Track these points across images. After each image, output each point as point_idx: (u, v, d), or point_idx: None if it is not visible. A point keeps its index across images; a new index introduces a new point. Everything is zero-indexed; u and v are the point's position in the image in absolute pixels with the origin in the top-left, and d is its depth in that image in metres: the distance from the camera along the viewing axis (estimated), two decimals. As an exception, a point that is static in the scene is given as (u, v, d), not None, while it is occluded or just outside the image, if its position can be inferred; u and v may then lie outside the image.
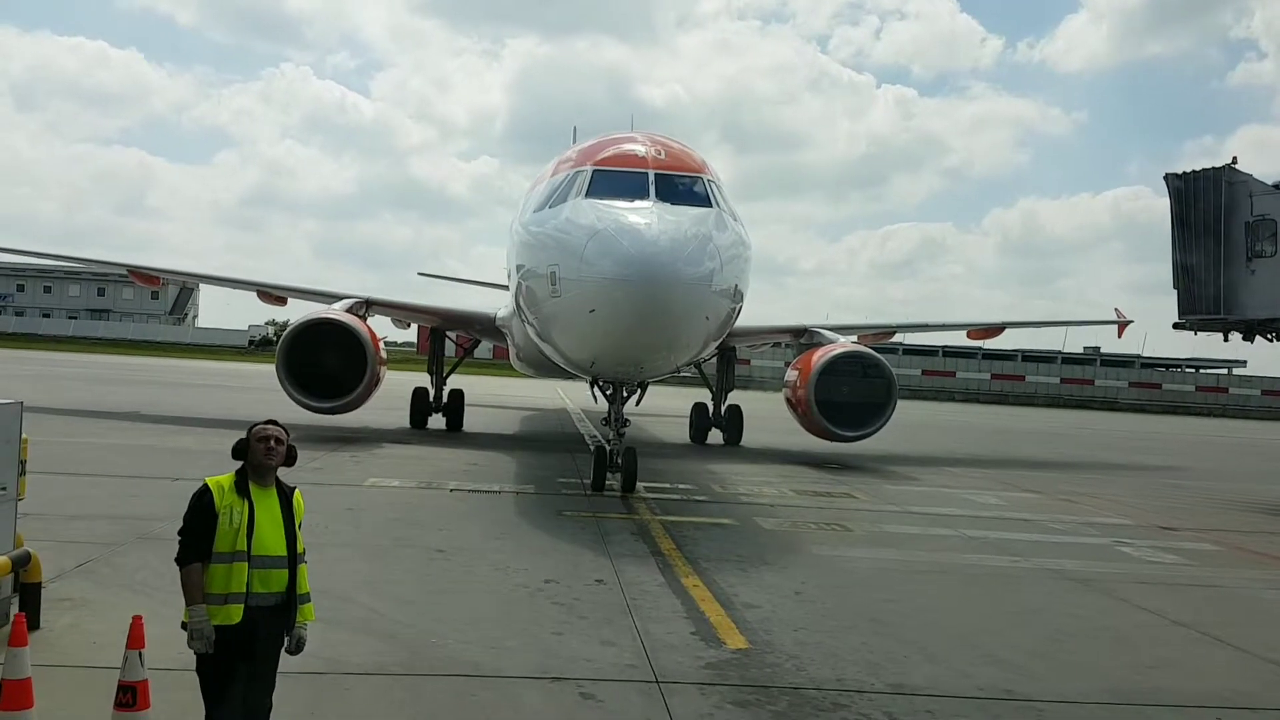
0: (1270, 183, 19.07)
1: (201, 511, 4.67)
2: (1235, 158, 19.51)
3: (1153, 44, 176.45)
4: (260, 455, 4.79)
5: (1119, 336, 33.92)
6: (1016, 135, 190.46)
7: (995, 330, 31.74)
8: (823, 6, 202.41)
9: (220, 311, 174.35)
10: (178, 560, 4.67)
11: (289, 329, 22.19)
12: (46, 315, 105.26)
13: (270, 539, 4.71)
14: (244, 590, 4.62)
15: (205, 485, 4.73)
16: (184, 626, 4.66)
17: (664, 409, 29.42)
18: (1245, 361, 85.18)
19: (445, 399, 25.73)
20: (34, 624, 6.93)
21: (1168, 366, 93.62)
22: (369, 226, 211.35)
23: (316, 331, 21.26)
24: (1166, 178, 20.30)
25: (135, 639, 5.06)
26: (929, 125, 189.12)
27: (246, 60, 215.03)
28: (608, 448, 15.02)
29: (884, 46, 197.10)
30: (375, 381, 21.04)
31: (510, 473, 17.08)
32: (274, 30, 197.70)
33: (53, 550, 8.60)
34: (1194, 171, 19.87)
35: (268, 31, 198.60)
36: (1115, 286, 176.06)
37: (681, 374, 17.25)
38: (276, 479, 4.90)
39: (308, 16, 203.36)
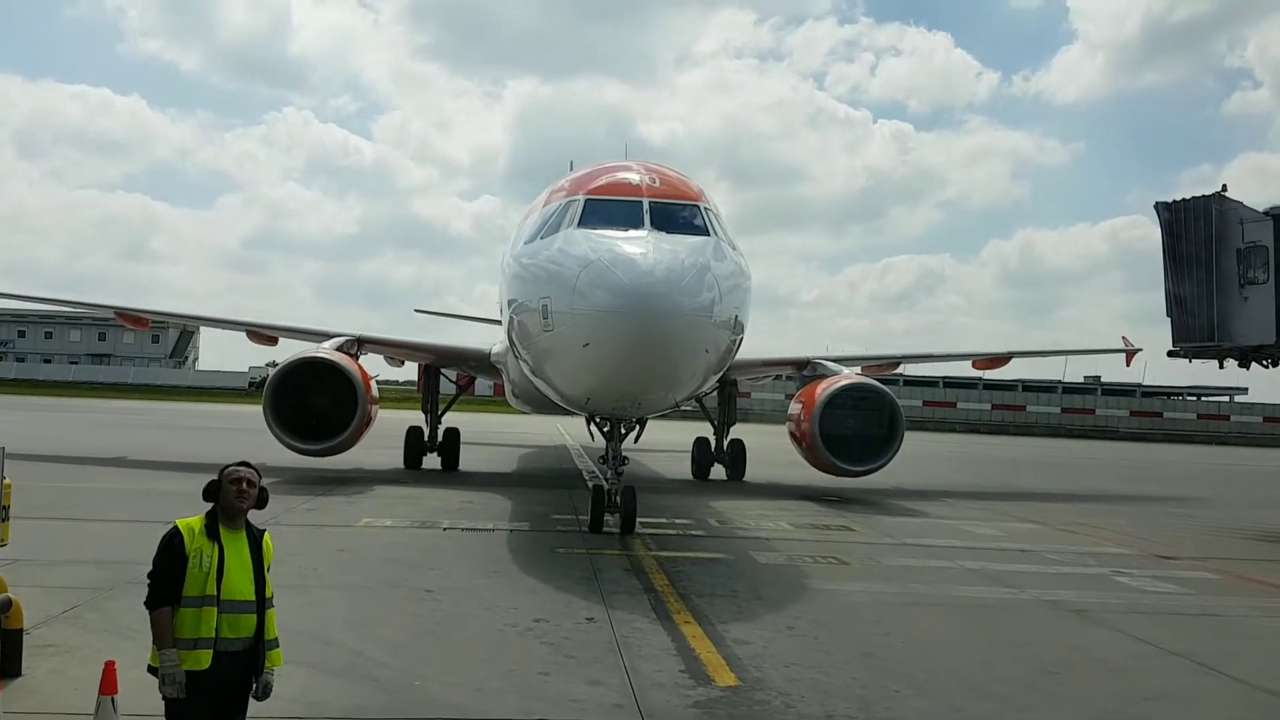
0: (1261, 210, 19.14)
1: (171, 554, 4.64)
2: (1225, 185, 19.61)
3: (1148, 74, 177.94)
4: (231, 497, 4.77)
5: (1128, 365, 33.44)
6: (1013, 167, 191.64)
7: (1001, 360, 31.24)
8: (818, 45, 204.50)
9: (221, 354, 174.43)
10: (147, 604, 4.64)
11: (276, 369, 21.78)
12: (48, 361, 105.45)
13: (239, 583, 4.68)
14: (213, 635, 4.58)
15: (175, 527, 4.70)
16: (152, 671, 4.61)
17: (665, 443, 29.27)
18: (1246, 389, 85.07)
19: (440, 438, 25.31)
20: (15, 671, 6.88)
21: (1169, 394, 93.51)
22: (371, 266, 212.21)
23: (305, 371, 20.77)
24: (1157, 206, 20.38)
25: (108, 685, 5.01)
26: (926, 159, 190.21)
27: (249, 105, 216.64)
28: (606, 487, 14.55)
29: (880, 82, 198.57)
30: (367, 421, 20.62)
31: (505, 511, 16.99)
32: (277, 75, 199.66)
33: (38, 596, 8.54)
34: (1184, 200, 19.94)
35: (270, 76, 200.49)
36: (1114, 315, 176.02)
37: (682, 408, 16.74)
38: (246, 521, 4.87)
39: (310, 61, 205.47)
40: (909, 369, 37.61)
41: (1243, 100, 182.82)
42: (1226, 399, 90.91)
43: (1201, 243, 19.31)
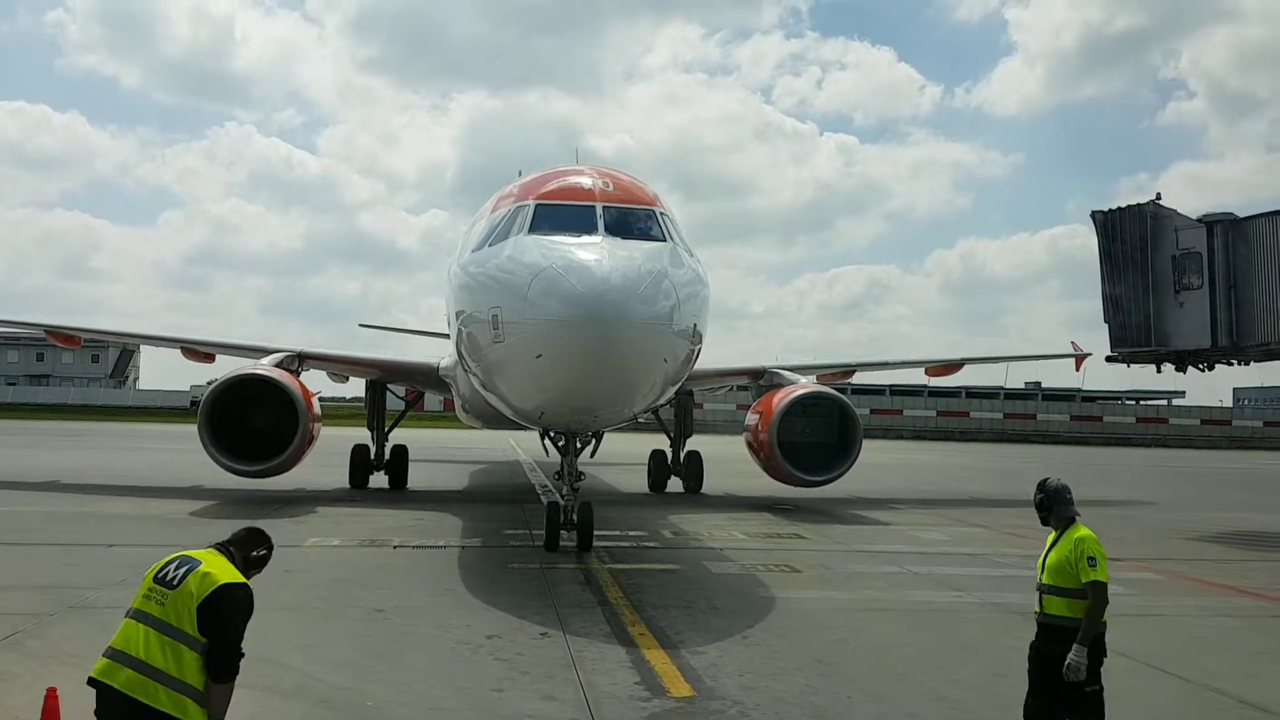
0: (1194, 217, 19.66)
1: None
2: (1159, 194, 20.15)
3: (1086, 85, 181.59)
4: (255, 570, 4.77)
5: (1077, 369, 33.80)
6: (955, 178, 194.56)
7: (955, 367, 31.33)
8: (766, 58, 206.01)
9: (162, 373, 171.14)
10: (231, 673, 4.49)
11: (210, 388, 20.96)
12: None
13: None
14: None
15: (249, 588, 4.59)
16: None
17: (621, 454, 29.17)
18: (1184, 392, 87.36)
19: (388, 455, 24.81)
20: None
21: (1108, 399, 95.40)
22: (317, 281, 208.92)
23: (242, 389, 20.06)
24: (1093, 215, 20.84)
25: (50, 711, 4.89)
26: (871, 171, 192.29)
27: (191, 120, 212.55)
28: (561, 503, 14.12)
29: (826, 96, 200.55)
30: (309, 440, 20.01)
31: (457, 528, 16.85)
32: (219, 89, 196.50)
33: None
34: (1119, 209, 20.43)
35: (213, 91, 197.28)
36: (1056, 322, 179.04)
37: (638, 420, 16.37)
38: None
39: (254, 75, 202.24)
40: (857, 378, 37.88)
41: (1177, 110, 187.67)
42: (1165, 403, 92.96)
43: (1137, 249, 19.79)
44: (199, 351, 26.80)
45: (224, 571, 4.53)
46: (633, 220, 13.08)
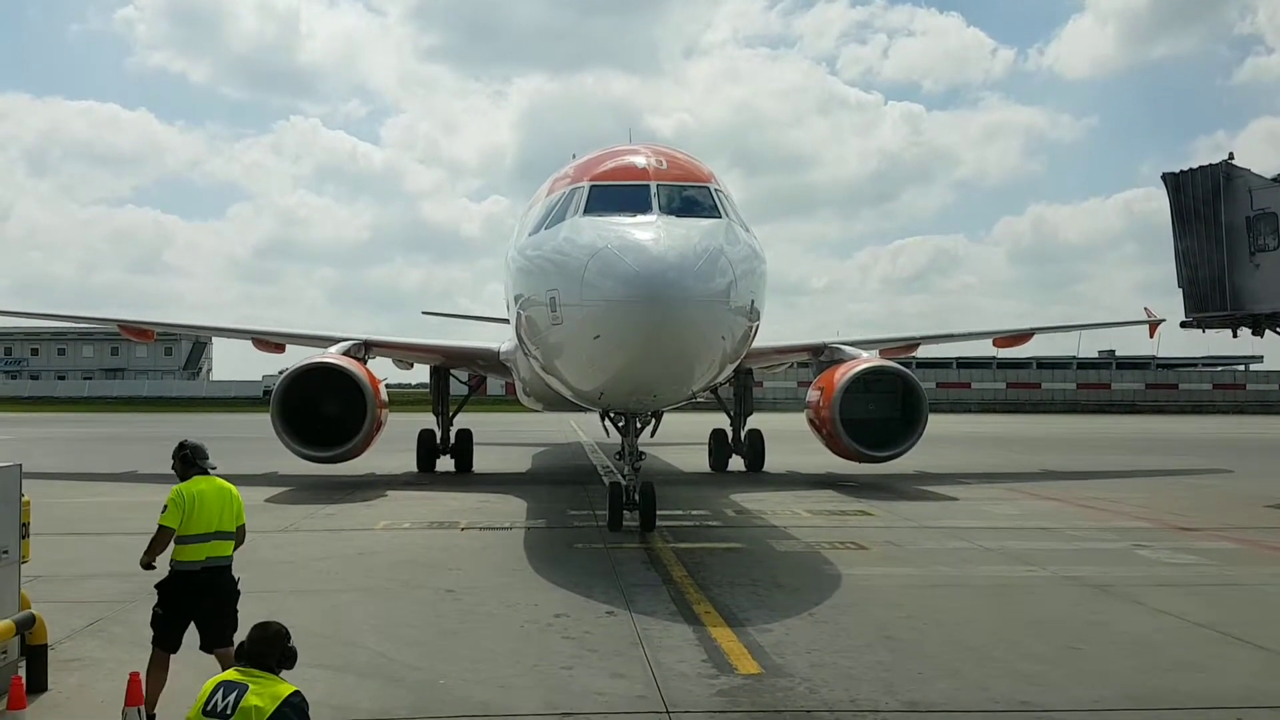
0: (1269, 176, 19.00)
1: None
2: (1232, 153, 19.48)
3: (1159, 44, 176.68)
4: (289, 665, 4.63)
5: (1151, 336, 32.76)
6: (1027, 144, 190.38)
7: (1024, 337, 30.52)
8: (830, 27, 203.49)
9: (235, 364, 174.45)
10: None
11: (282, 377, 21.46)
12: (62, 378, 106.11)
13: None
14: None
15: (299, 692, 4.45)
16: None
17: (683, 435, 29.19)
18: (1262, 357, 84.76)
19: (453, 440, 25.24)
20: (41, 686, 6.93)
21: (1184, 366, 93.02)
22: (382, 271, 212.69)
23: (312, 377, 20.56)
24: (1164, 176, 20.24)
25: (134, 696, 5.05)
26: (939, 139, 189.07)
27: (258, 114, 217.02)
28: (623, 483, 14.11)
29: (893, 64, 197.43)
30: (377, 426, 20.38)
31: (521, 510, 17.02)
32: (286, 84, 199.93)
33: (61, 611, 8.60)
34: (1191, 170, 19.82)
35: (280, 85, 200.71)
36: (1130, 288, 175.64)
37: (698, 399, 16.21)
38: None
39: (320, 69, 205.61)
40: (922, 351, 37.33)
41: (1255, 66, 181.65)
42: (1242, 368, 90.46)
43: (1210, 211, 19.19)
44: (269, 342, 27.51)
45: (271, 687, 4.31)
46: (687, 198, 12.96)
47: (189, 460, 7.04)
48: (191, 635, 6.50)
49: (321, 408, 20.57)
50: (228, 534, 6.72)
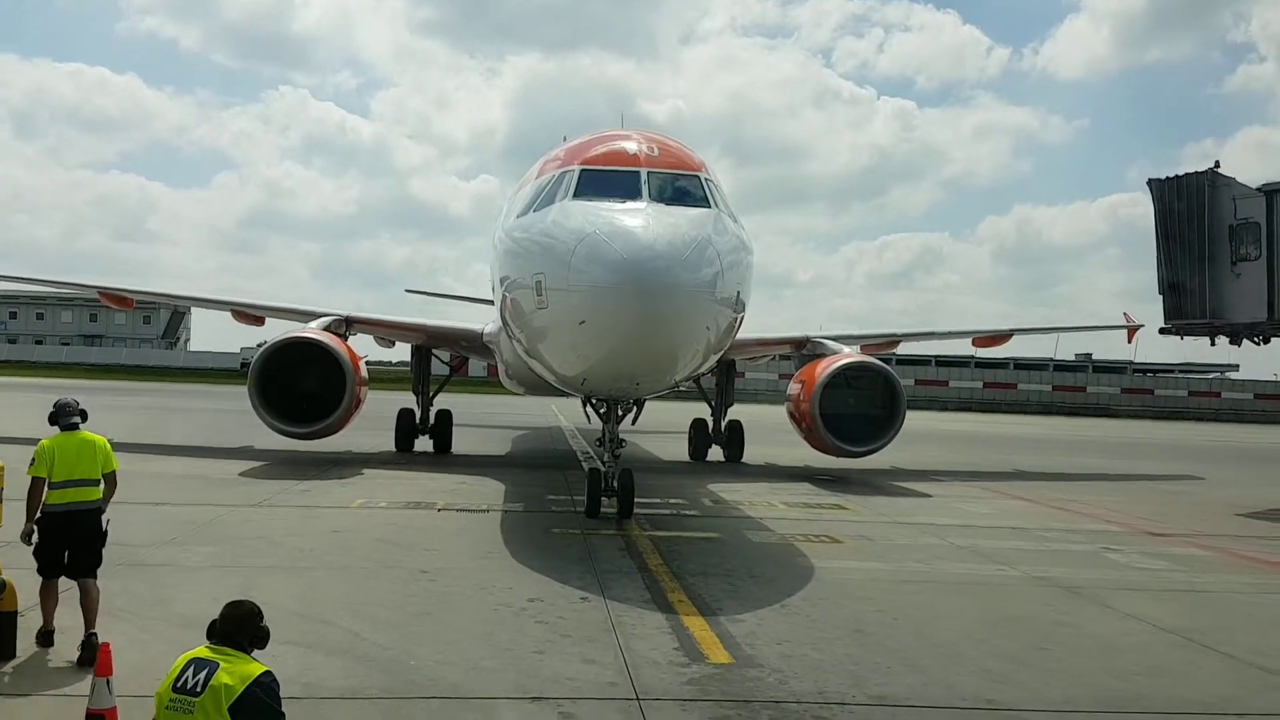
0: (1254, 186, 19.14)
1: None
2: (1218, 161, 19.60)
3: (1153, 48, 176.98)
4: (262, 645, 4.55)
5: (1129, 341, 33.06)
6: (1016, 144, 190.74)
7: (1003, 337, 30.75)
8: (827, 19, 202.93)
9: (213, 335, 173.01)
10: None
11: (261, 350, 21.20)
12: (40, 342, 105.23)
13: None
14: None
15: (270, 671, 4.40)
16: None
17: (663, 423, 29.20)
18: (1238, 365, 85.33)
19: (432, 420, 25.06)
20: (10, 653, 6.92)
21: (1160, 372, 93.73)
22: (368, 246, 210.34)
23: (291, 352, 20.33)
24: (1149, 182, 20.35)
25: (103, 667, 5.02)
26: (930, 136, 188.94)
27: (249, 83, 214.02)
28: (602, 470, 14.15)
29: (888, 59, 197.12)
30: (356, 404, 20.24)
31: (499, 493, 17.00)
32: (279, 53, 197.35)
33: (31, 578, 8.53)
34: (1177, 177, 19.93)
35: (273, 54, 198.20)
36: (1110, 293, 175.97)
37: (680, 388, 16.17)
38: None
39: (314, 38, 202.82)
40: (903, 348, 37.50)
41: (1246, 74, 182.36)
42: (1218, 376, 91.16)
43: (1194, 219, 19.31)
44: (249, 314, 27.03)
45: (242, 667, 4.27)
46: (678, 186, 12.94)
47: (54, 417, 7.69)
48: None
49: (300, 383, 20.34)
50: (91, 481, 7.44)
